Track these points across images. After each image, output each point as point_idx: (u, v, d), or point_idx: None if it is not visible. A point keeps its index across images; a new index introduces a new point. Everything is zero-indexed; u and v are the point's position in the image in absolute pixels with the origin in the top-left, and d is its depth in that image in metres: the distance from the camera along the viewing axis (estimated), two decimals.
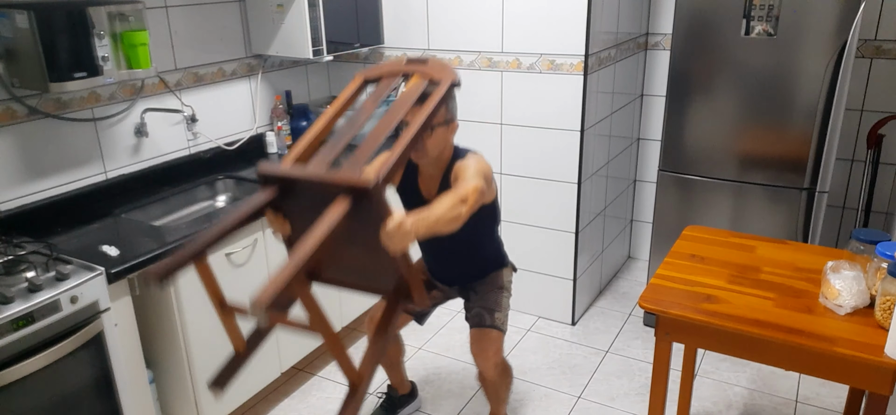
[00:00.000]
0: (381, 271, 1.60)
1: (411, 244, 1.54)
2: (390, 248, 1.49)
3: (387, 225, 1.47)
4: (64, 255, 2.06)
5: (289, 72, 3.35)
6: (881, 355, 1.59)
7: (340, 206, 1.37)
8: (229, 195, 2.92)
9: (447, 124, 2.06)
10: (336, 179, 1.43)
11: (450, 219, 1.73)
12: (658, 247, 3.32)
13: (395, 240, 1.48)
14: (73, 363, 1.95)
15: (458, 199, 1.78)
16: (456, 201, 1.76)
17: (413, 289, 1.60)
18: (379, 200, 1.42)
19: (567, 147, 3.08)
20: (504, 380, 2.43)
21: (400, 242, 1.49)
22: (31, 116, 2.30)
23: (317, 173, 1.49)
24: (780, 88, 2.87)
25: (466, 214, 1.79)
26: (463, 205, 1.78)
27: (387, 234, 1.47)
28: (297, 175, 1.52)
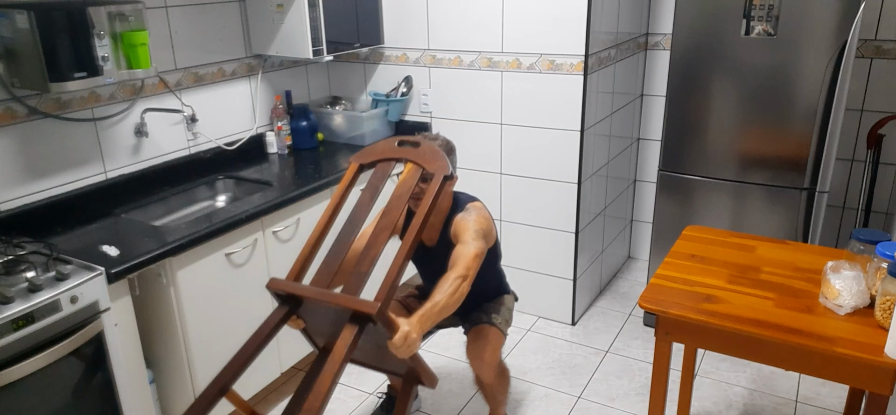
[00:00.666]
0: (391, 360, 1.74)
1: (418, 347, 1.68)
2: (399, 356, 1.64)
3: (393, 340, 1.61)
4: (64, 255, 2.06)
5: (289, 72, 3.35)
6: (881, 355, 1.59)
7: (348, 334, 1.55)
8: (229, 195, 2.92)
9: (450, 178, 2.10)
10: (342, 302, 1.60)
11: (454, 302, 1.82)
12: (658, 247, 3.32)
13: (402, 351, 1.62)
14: (73, 363, 1.95)
15: (459, 277, 1.86)
16: (457, 283, 1.85)
17: (422, 376, 1.79)
18: (383, 321, 1.58)
19: (567, 147, 3.08)
20: (501, 383, 2.43)
21: (407, 352, 1.63)
22: (31, 116, 2.30)
23: (324, 295, 1.66)
24: (780, 88, 2.87)
25: (469, 287, 1.88)
26: (464, 282, 1.87)
27: (394, 346, 1.61)
28: (307, 295, 1.69)
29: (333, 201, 1.86)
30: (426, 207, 1.72)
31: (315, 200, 2.77)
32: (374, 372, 2.89)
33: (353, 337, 1.54)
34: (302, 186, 2.72)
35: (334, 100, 3.57)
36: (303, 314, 1.79)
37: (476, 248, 1.97)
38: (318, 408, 1.45)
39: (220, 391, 1.63)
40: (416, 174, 1.83)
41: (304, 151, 3.26)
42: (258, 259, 2.54)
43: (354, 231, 1.78)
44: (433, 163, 1.82)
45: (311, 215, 2.75)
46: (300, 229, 2.71)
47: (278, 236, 2.61)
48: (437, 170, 1.79)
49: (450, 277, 1.86)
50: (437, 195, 1.75)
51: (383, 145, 1.94)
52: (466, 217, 2.10)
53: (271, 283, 1.73)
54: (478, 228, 2.05)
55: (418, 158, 1.85)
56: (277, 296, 1.74)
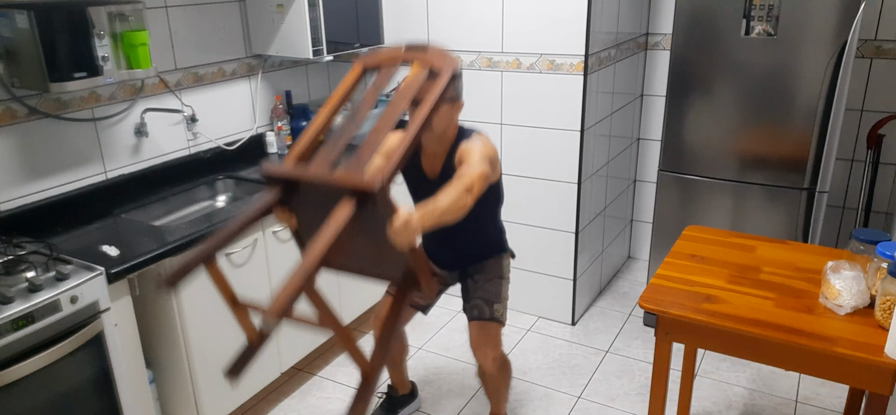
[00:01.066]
0: (388, 260, 1.62)
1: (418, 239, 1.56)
2: (397, 244, 1.52)
3: (393, 223, 1.49)
4: (64, 255, 2.06)
5: (289, 72, 3.35)
6: (881, 355, 1.59)
7: (345, 209, 1.40)
8: (229, 195, 2.92)
9: (452, 103, 2.04)
10: (340, 180, 1.46)
11: (456, 209, 1.74)
12: (658, 247, 3.32)
13: (402, 237, 1.51)
14: (73, 363, 1.95)
15: (464, 188, 1.78)
16: (461, 191, 1.77)
17: (421, 278, 1.64)
18: (383, 201, 1.45)
19: (567, 147, 3.08)
20: (504, 375, 2.43)
21: (406, 239, 1.52)
22: (31, 116, 2.30)
23: (321, 175, 1.51)
24: (780, 88, 2.87)
25: (472, 202, 1.80)
26: (468, 194, 1.79)
27: (393, 231, 1.49)
28: (302, 176, 1.55)
29: (334, 99, 1.74)
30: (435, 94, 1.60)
31: None
32: None
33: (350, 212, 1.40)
34: None
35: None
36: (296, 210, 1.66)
37: (482, 167, 1.89)
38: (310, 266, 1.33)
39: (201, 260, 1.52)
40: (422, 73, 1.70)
41: None
42: (258, 259, 2.54)
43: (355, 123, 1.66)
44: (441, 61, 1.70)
45: None
46: None
47: (278, 237, 2.61)
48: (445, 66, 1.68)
49: (454, 184, 1.79)
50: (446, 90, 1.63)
51: (389, 50, 1.81)
52: (471, 143, 2.04)
53: (265, 167, 1.60)
54: (484, 153, 1.99)
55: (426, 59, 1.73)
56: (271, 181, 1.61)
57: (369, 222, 1.50)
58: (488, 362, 2.28)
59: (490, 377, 2.37)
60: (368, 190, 1.41)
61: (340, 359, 3.12)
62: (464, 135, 2.12)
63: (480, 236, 2.30)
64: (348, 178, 1.45)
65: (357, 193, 1.43)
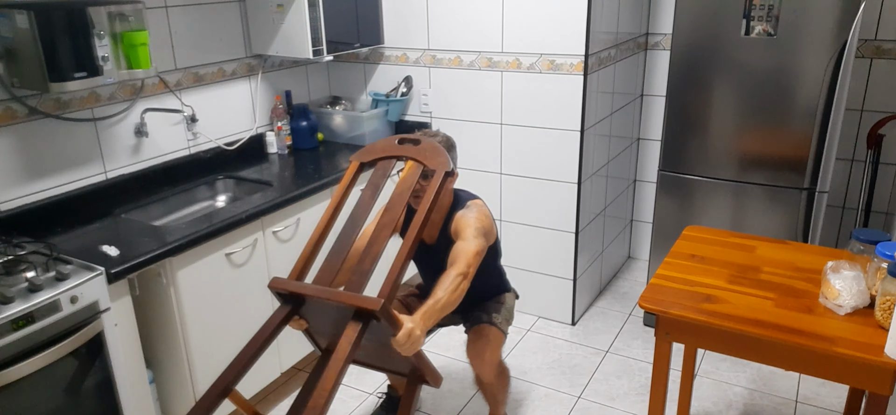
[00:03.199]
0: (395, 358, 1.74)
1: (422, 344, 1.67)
2: (402, 354, 1.63)
3: (397, 337, 1.61)
4: (64, 255, 2.06)
5: (289, 72, 3.35)
6: (881, 355, 1.59)
7: (351, 332, 1.54)
8: (229, 195, 2.92)
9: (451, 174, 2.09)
10: (344, 300, 1.60)
11: (455, 299, 1.83)
12: (658, 247, 3.32)
13: (406, 348, 1.62)
14: (73, 363, 1.95)
15: (459, 276, 1.86)
16: (458, 281, 1.85)
17: (427, 376, 1.78)
18: (387, 317, 1.58)
19: (567, 147, 3.08)
20: (501, 382, 2.43)
21: (411, 349, 1.63)
22: (31, 116, 2.30)
23: (327, 293, 1.65)
24: (780, 88, 2.87)
25: (469, 284, 1.88)
26: (465, 280, 1.87)
27: (398, 344, 1.61)
28: (309, 293, 1.68)
29: (334, 200, 1.86)
30: (427, 204, 1.72)
31: (315, 200, 2.77)
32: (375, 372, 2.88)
33: (357, 334, 1.54)
34: (302, 186, 2.72)
35: (334, 100, 3.57)
36: (305, 314, 1.79)
37: (476, 245, 1.97)
38: (322, 406, 1.45)
39: (223, 392, 1.63)
40: (416, 172, 1.83)
41: (304, 151, 3.26)
42: (258, 259, 2.54)
43: (356, 230, 1.78)
44: (434, 159, 1.82)
45: (311, 215, 2.75)
46: (300, 229, 2.71)
47: (278, 236, 2.61)
48: (437, 166, 1.79)
49: (450, 274, 1.86)
50: (439, 192, 1.75)
51: (383, 144, 1.94)
52: (467, 214, 2.10)
53: (273, 282, 1.72)
54: (478, 226, 2.05)
55: (419, 156, 1.85)
56: (279, 295, 1.74)
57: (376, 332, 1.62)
58: (485, 369, 2.26)
59: (487, 386, 2.37)
60: (372, 310, 1.54)
61: None
62: (459, 202, 2.19)
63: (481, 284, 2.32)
64: (352, 298, 1.58)
65: (361, 313, 1.56)
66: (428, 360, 1.77)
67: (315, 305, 1.72)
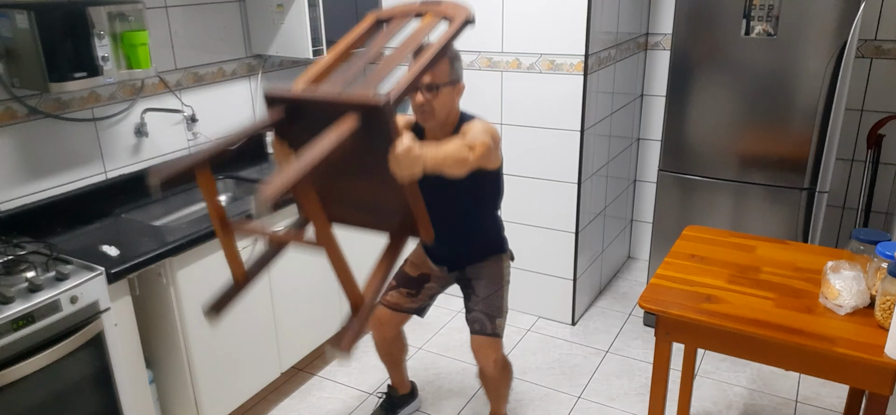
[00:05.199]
0: (388, 205, 1.57)
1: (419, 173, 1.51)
2: (398, 174, 1.46)
3: (396, 148, 1.43)
4: (64, 255, 2.06)
5: (289, 72, 3.35)
6: (881, 355, 1.59)
7: (350, 120, 1.35)
8: (229, 195, 2.92)
9: (453, 85, 2.02)
10: (346, 98, 1.40)
11: (456, 160, 1.69)
12: (658, 247, 3.32)
13: (404, 165, 1.45)
14: (73, 363, 1.95)
15: (467, 144, 1.76)
16: (464, 145, 1.74)
17: (419, 223, 1.59)
18: (389, 120, 1.40)
19: (567, 147, 3.08)
20: (505, 377, 2.43)
21: (408, 168, 1.46)
22: (31, 116, 2.30)
23: (326, 93, 1.47)
24: (780, 88, 2.87)
25: (473, 162, 1.76)
26: (470, 151, 1.75)
27: (395, 157, 1.44)
28: (306, 96, 1.50)
29: (343, 43, 1.70)
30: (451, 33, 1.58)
31: None
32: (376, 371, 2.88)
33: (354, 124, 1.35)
34: None
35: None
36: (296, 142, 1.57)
37: (485, 137, 1.88)
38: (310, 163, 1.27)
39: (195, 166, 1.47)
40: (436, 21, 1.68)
41: None
42: None
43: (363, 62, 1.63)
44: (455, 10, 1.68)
45: None
46: None
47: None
48: (458, 14, 1.66)
49: (458, 139, 1.78)
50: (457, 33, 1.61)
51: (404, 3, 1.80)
52: (474, 123, 2.03)
53: (268, 88, 1.54)
54: (486, 128, 1.98)
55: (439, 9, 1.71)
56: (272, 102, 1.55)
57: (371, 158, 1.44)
58: (490, 365, 2.28)
59: (491, 379, 2.37)
60: (375, 104, 1.36)
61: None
62: (465, 118, 2.11)
63: (478, 230, 2.28)
64: (355, 95, 1.40)
65: (363, 107, 1.37)
66: (423, 204, 1.58)
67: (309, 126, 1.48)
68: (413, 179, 1.50)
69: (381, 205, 1.61)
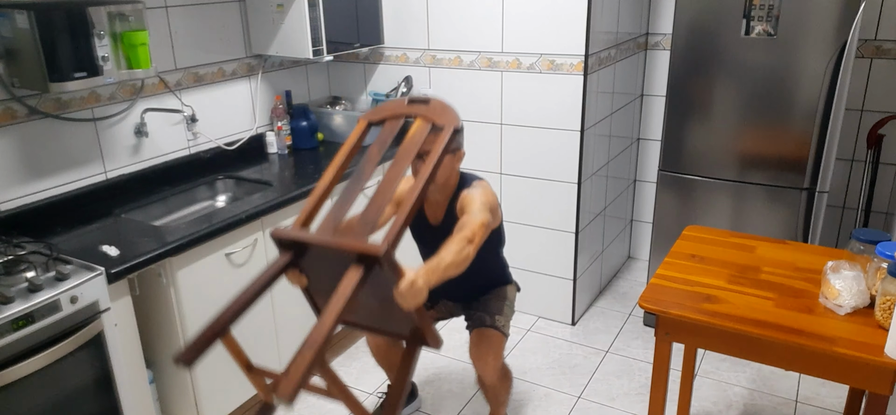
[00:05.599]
0: (396, 317, 1.68)
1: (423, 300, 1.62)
2: (404, 306, 1.57)
3: (399, 286, 1.54)
4: (64, 255, 2.06)
5: (289, 72, 3.35)
6: (881, 355, 1.59)
7: (353, 276, 1.47)
8: (229, 195, 2.92)
9: (453, 153, 2.08)
10: (347, 246, 1.52)
11: (459, 262, 1.79)
12: (658, 247, 3.32)
13: (408, 299, 1.56)
14: (73, 363, 1.95)
15: (465, 239, 1.83)
16: (463, 243, 1.81)
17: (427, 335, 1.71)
18: (389, 265, 1.51)
19: (567, 147, 3.08)
20: (504, 384, 2.43)
21: (413, 301, 1.57)
22: (31, 116, 2.30)
23: (329, 239, 1.58)
24: (780, 88, 2.87)
25: (474, 252, 1.84)
26: (470, 245, 1.83)
27: (400, 294, 1.55)
28: (310, 240, 1.61)
29: (341, 156, 1.79)
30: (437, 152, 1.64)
31: None
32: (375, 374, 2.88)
33: (359, 278, 1.46)
34: (302, 186, 2.72)
35: (334, 100, 3.57)
36: (306, 269, 1.71)
37: (483, 217, 1.93)
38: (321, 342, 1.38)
39: (218, 333, 1.57)
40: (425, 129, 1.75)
41: (304, 151, 3.26)
42: (258, 259, 2.54)
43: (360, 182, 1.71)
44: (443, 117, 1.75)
45: None
46: None
47: None
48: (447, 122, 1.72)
49: (456, 237, 1.83)
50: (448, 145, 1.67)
51: (393, 104, 1.87)
52: (473, 192, 2.07)
53: (275, 231, 1.64)
54: (484, 201, 2.02)
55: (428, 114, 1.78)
56: (280, 244, 1.66)
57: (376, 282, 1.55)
58: (488, 371, 2.26)
59: (490, 387, 2.37)
60: (374, 255, 1.46)
61: (341, 359, 3.12)
62: (465, 182, 2.16)
63: (483, 274, 2.33)
64: (355, 243, 1.51)
65: (364, 258, 1.48)
66: (430, 319, 1.70)
67: (316, 259, 1.65)
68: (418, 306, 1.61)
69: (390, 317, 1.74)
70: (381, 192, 1.62)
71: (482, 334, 2.25)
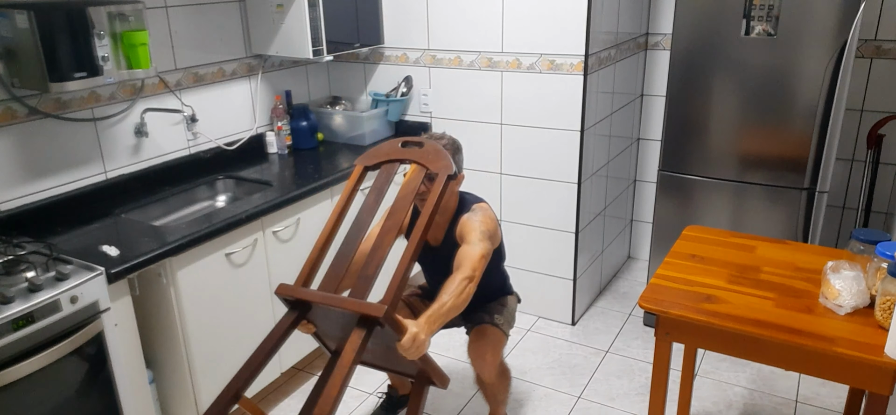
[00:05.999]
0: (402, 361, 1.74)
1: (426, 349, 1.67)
2: (408, 358, 1.64)
3: (402, 342, 1.61)
4: (64, 255, 2.06)
5: (289, 72, 3.35)
6: (881, 355, 1.59)
7: (356, 338, 1.55)
8: (229, 195, 2.92)
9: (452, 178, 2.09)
10: (349, 306, 1.61)
11: (461, 303, 1.82)
12: (658, 247, 3.32)
13: (411, 352, 1.62)
14: (73, 363, 1.95)
15: (466, 280, 1.86)
16: (464, 285, 1.84)
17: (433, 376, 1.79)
18: (391, 323, 1.58)
19: (567, 147, 3.08)
20: (502, 383, 2.43)
21: (416, 353, 1.63)
22: (31, 116, 2.30)
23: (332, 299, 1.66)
24: (780, 88, 2.87)
25: (475, 287, 1.87)
26: (470, 283, 1.86)
27: (402, 348, 1.61)
28: (314, 300, 1.70)
29: (339, 204, 1.87)
30: (431, 207, 1.72)
31: (315, 200, 2.77)
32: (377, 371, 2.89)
33: (361, 341, 1.55)
34: (302, 186, 2.72)
35: (334, 100, 3.57)
36: (313, 318, 1.80)
37: (482, 249, 1.96)
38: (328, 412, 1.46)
39: (234, 398, 1.64)
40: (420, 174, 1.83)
41: (304, 151, 3.26)
42: (258, 259, 2.54)
43: (360, 233, 1.79)
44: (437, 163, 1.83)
45: (311, 215, 2.75)
46: (300, 229, 2.71)
47: (278, 236, 2.61)
48: (440, 169, 1.79)
49: (456, 278, 1.86)
50: (442, 195, 1.75)
51: (387, 147, 1.94)
52: (472, 218, 2.09)
53: (280, 288, 1.74)
54: (484, 230, 2.04)
55: (422, 159, 1.85)
56: (286, 301, 1.75)
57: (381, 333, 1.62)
58: (487, 369, 2.26)
59: (488, 386, 2.37)
60: (376, 316, 1.54)
61: None
62: (465, 205, 2.18)
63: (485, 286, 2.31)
64: (356, 305, 1.59)
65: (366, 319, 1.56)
66: (434, 362, 1.77)
67: (322, 310, 1.73)
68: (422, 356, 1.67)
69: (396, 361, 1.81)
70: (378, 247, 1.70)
71: (480, 331, 2.26)
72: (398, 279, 1.61)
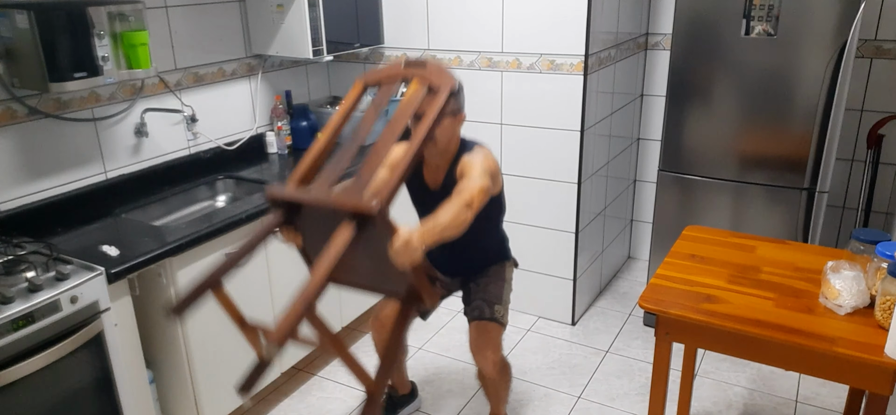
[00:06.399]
0: (391, 276, 1.65)
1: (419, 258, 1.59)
2: (398, 263, 1.55)
3: (394, 243, 1.52)
4: (64, 255, 2.06)
5: (289, 72, 3.35)
6: (881, 355, 1.59)
7: (345, 232, 1.44)
8: (229, 195, 2.92)
9: (454, 115, 2.05)
10: (340, 203, 1.49)
11: (457, 225, 1.76)
12: (658, 247, 3.32)
13: (403, 257, 1.53)
14: (73, 363, 1.95)
15: (464, 203, 1.81)
16: (461, 206, 1.79)
17: (423, 294, 1.67)
18: (383, 223, 1.48)
19: (567, 147, 3.08)
20: (503, 378, 2.43)
21: (407, 259, 1.54)
22: (31, 116, 2.30)
23: (322, 197, 1.55)
24: (780, 88, 2.87)
25: (472, 216, 1.82)
26: (468, 209, 1.81)
27: (394, 251, 1.52)
28: (303, 199, 1.59)
29: (337, 118, 1.78)
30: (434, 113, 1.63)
31: None
32: None
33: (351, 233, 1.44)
34: None
35: (334, 100, 3.57)
36: (301, 229, 1.70)
37: (483, 182, 1.91)
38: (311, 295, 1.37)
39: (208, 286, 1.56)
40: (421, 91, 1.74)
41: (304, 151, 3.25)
42: (258, 259, 2.54)
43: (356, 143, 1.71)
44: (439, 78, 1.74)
45: None
46: None
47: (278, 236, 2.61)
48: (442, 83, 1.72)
49: (455, 200, 1.81)
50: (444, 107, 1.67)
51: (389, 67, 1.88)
52: (473, 157, 2.05)
53: (268, 190, 1.64)
54: (485, 167, 2.00)
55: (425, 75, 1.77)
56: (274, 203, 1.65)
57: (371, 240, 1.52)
58: (488, 365, 2.27)
59: (490, 381, 2.37)
60: (367, 212, 1.44)
61: None
62: (466, 147, 2.14)
63: (482, 246, 2.31)
64: (348, 200, 1.48)
65: (357, 215, 1.46)
66: (425, 277, 1.66)
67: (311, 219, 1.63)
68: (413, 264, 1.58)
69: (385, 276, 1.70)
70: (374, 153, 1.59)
71: (481, 327, 2.25)
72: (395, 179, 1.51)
